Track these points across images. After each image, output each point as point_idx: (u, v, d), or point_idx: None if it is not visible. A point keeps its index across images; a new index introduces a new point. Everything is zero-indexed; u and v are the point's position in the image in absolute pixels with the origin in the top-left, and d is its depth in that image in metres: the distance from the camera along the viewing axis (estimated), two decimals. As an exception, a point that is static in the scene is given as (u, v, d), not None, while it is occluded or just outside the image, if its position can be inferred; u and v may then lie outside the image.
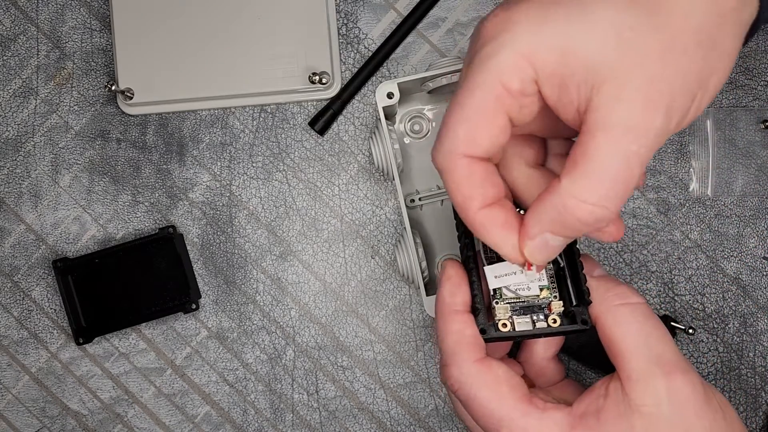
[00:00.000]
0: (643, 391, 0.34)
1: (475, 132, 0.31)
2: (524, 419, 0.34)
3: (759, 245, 0.50)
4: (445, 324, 0.36)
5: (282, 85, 0.50)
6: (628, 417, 0.34)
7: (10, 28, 0.51)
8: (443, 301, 0.37)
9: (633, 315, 0.35)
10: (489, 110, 0.30)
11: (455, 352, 0.36)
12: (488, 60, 0.30)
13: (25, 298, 0.51)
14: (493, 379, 0.35)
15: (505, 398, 0.35)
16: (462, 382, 0.35)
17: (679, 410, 0.34)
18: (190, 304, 0.50)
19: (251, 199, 0.51)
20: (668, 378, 0.34)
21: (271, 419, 0.50)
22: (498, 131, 0.31)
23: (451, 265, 0.38)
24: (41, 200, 0.51)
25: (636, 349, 0.35)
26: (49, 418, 0.50)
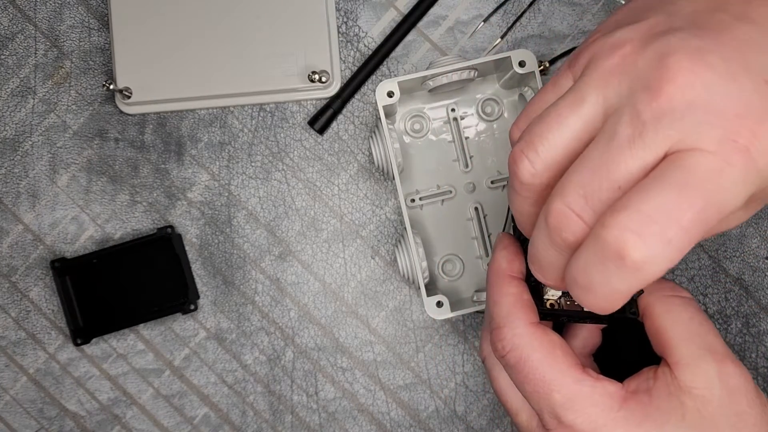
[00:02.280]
0: (695, 374, 0.33)
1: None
2: (577, 385, 0.33)
3: (761, 245, 0.50)
4: (501, 287, 0.35)
5: (281, 83, 0.49)
6: (678, 396, 0.33)
7: (8, 27, 0.51)
8: (499, 267, 0.36)
9: (683, 306, 0.35)
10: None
11: (511, 312, 0.35)
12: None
13: (23, 298, 0.50)
14: (549, 342, 0.34)
15: (559, 362, 0.34)
16: (515, 344, 0.34)
17: (731, 396, 0.33)
18: (189, 304, 0.49)
19: (250, 198, 0.51)
20: (720, 364, 0.33)
21: (270, 421, 0.50)
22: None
23: (508, 237, 0.37)
24: (39, 200, 0.51)
25: (686, 336, 0.34)
26: (47, 420, 0.50)
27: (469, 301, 0.46)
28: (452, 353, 0.50)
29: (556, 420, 0.33)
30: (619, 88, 0.28)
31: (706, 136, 0.26)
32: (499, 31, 0.51)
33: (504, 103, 0.48)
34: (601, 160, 0.27)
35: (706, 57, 0.27)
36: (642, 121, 0.27)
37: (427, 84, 0.45)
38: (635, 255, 0.26)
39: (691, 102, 0.26)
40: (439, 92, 0.47)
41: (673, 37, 0.28)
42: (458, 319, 0.50)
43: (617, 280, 0.27)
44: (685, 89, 0.27)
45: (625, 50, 0.29)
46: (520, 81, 0.46)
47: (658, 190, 0.26)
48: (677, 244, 0.26)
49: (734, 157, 0.26)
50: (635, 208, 0.26)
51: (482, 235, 0.48)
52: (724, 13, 0.29)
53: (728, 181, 0.26)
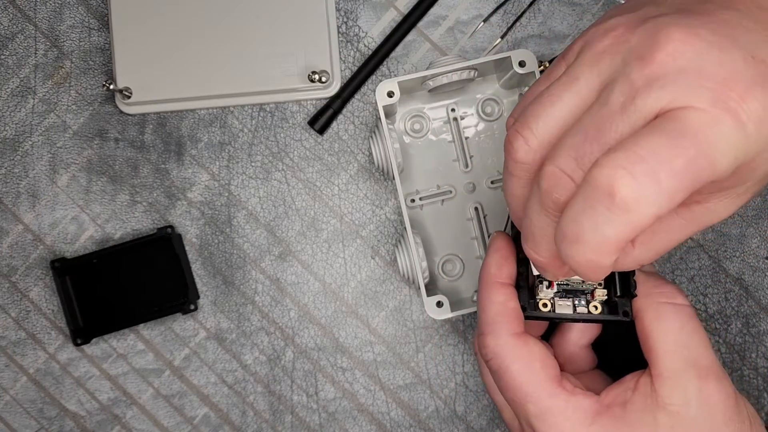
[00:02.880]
0: (673, 389, 0.33)
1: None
2: (551, 399, 0.34)
3: (762, 245, 0.50)
4: (488, 294, 0.36)
5: (281, 83, 0.49)
6: (653, 412, 0.33)
7: (8, 27, 0.51)
8: (489, 272, 0.36)
9: (676, 315, 0.35)
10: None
11: (495, 321, 0.35)
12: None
13: (23, 298, 0.50)
14: (528, 354, 0.35)
15: (535, 375, 0.34)
16: (496, 353, 0.35)
17: (708, 414, 0.33)
18: (189, 304, 0.49)
19: (250, 198, 0.50)
20: (701, 381, 0.34)
21: (270, 421, 0.50)
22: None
23: (501, 237, 0.37)
24: (39, 200, 0.51)
25: (672, 348, 0.34)
26: (47, 420, 0.50)
27: (469, 301, 0.46)
28: (452, 353, 0.50)
29: (531, 429, 0.35)
30: (613, 63, 0.29)
31: (698, 96, 0.27)
32: (499, 31, 0.51)
33: (504, 103, 0.48)
34: (593, 124, 0.28)
35: (696, 29, 0.28)
36: (635, 87, 0.27)
37: (427, 84, 0.45)
38: (625, 191, 0.26)
39: (683, 67, 0.27)
40: (439, 92, 0.47)
41: (664, 17, 0.29)
42: (458, 319, 0.50)
43: (606, 224, 0.26)
44: (676, 55, 0.27)
45: (618, 32, 0.29)
46: (520, 81, 0.46)
47: (651, 136, 0.26)
48: (667, 187, 0.26)
49: (725, 116, 0.26)
50: (628, 149, 0.26)
51: (482, 235, 0.48)
52: (709, 4, 0.30)
53: (719, 136, 0.26)
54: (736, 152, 0.27)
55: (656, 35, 0.28)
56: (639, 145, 0.26)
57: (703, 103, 0.27)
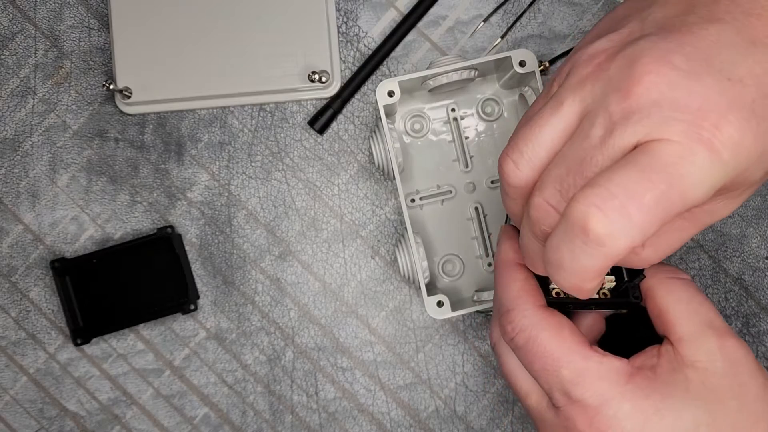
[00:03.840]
0: (696, 349, 0.34)
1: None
2: (584, 362, 0.34)
3: (761, 245, 0.50)
4: (508, 273, 0.37)
5: (281, 83, 0.49)
6: (683, 370, 0.34)
7: (8, 27, 0.51)
8: (507, 256, 0.37)
9: (684, 287, 0.36)
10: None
11: (519, 296, 0.36)
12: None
13: (23, 298, 0.50)
14: (557, 322, 0.35)
15: (566, 340, 0.35)
16: (523, 326, 0.35)
17: (733, 368, 0.34)
18: (189, 304, 0.49)
19: (250, 198, 0.51)
20: (721, 339, 0.34)
21: (270, 421, 0.50)
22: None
23: (511, 228, 0.38)
24: (39, 200, 0.51)
25: (687, 314, 0.35)
26: (47, 420, 0.50)
27: (469, 301, 0.46)
28: (452, 353, 0.50)
29: (566, 396, 0.34)
30: (594, 91, 0.30)
31: (672, 129, 0.28)
32: (499, 31, 0.51)
33: (504, 103, 0.48)
34: (575, 157, 0.30)
35: (670, 58, 0.29)
36: (613, 120, 0.29)
37: (427, 84, 0.45)
38: (597, 228, 0.28)
39: (657, 100, 0.28)
40: (439, 92, 0.47)
41: (643, 41, 0.30)
42: (458, 319, 0.50)
43: (584, 256, 0.29)
44: (651, 88, 0.28)
45: (600, 59, 0.31)
46: (521, 81, 0.46)
47: (623, 170, 0.28)
48: (638, 221, 0.27)
49: (697, 148, 0.27)
50: (600, 185, 0.28)
51: (482, 235, 0.48)
52: (693, 16, 0.30)
53: (692, 168, 0.27)
54: (712, 180, 0.28)
55: (633, 66, 0.29)
56: (611, 181, 0.28)
57: (676, 135, 0.28)
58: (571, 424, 0.34)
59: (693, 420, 0.33)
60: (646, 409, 0.33)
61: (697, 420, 0.33)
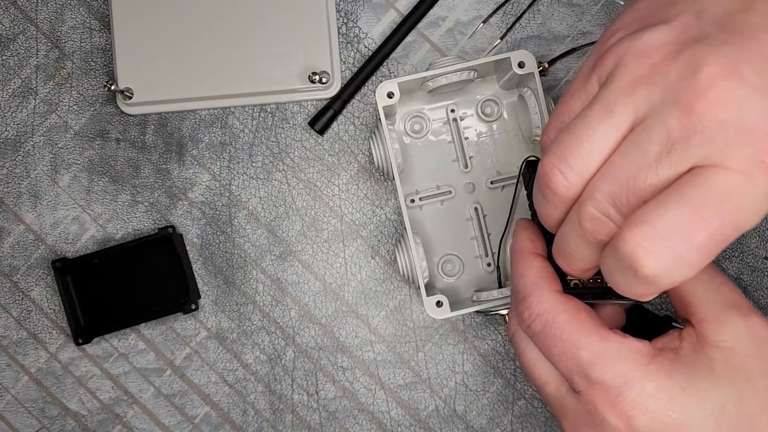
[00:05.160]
0: (720, 329, 0.33)
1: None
2: (603, 342, 0.33)
3: (760, 245, 0.50)
4: (525, 261, 0.36)
5: (282, 84, 0.49)
6: (707, 352, 0.33)
7: (10, 28, 0.51)
8: (523, 246, 0.37)
9: (707, 271, 0.35)
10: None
11: (536, 283, 0.35)
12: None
13: (24, 298, 0.51)
14: (574, 306, 0.35)
15: (584, 323, 0.34)
16: (541, 311, 0.35)
17: (759, 347, 0.33)
18: (190, 304, 0.49)
19: (251, 199, 0.51)
20: (745, 318, 0.33)
21: (270, 420, 0.50)
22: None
23: (526, 220, 0.38)
24: (40, 200, 0.51)
25: (709, 295, 0.34)
26: (49, 419, 0.50)
27: (468, 301, 0.46)
28: (452, 353, 0.50)
29: (586, 379, 0.33)
30: (650, 98, 0.28)
31: (734, 155, 0.26)
32: (498, 32, 0.51)
33: (503, 103, 0.48)
34: (629, 172, 0.28)
35: (739, 69, 0.27)
36: (671, 138, 0.27)
37: (426, 85, 0.45)
38: (647, 270, 0.27)
39: (723, 121, 0.26)
40: (438, 93, 0.47)
41: (705, 45, 0.27)
42: (458, 318, 0.50)
43: (636, 286, 0.29)
44: (717, 107, 0.27)
45: (655, 59, 0.28)
46: (520, 82, 0.46)
47: (675, 205, 0.27)
48: (689, 261, 0.27)
49: (759, 176, 0.26)
50: (650, 224, 0.27)
51: (482, 235, 0.48)
52: (754, 14, 0.28)
53: (749, 200, 0.26)
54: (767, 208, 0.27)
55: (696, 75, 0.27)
56: (660, 220, 0.27)
57: (738, 163, 0.26)
58: (592, 408, 0.33)
59: (720, 399, 0.32)
60: (670, 389, 0.32)
61: (724, 399, 0.32)
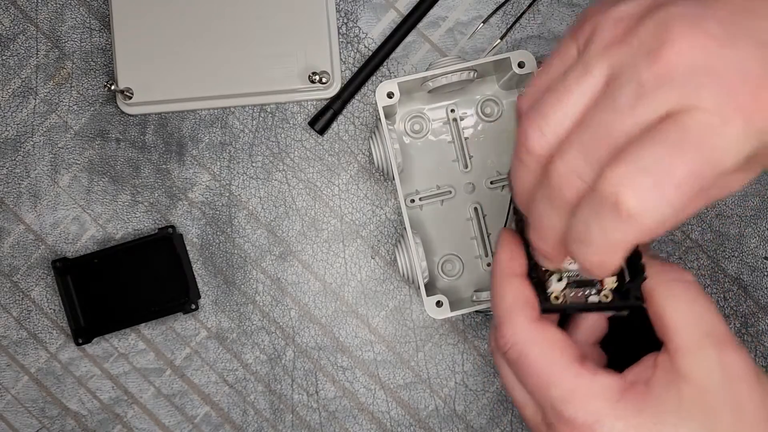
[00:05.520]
0: (694, 361, 0.33)
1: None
2: (575, 380, 0.34)
3: (760, 245, 0.50)
4: (502, 285, 0.36)
5: (282, 84, 0.49)
6: (677, 385, 0.33)
7: (10, 28, 0.51)
8: (502, 264, 0.36)
9: (686, 291, 0.35)
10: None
11: (511, 310, 0.35)
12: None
13: (25, 298, 0.51)
14: (548, 339, 0.34)
15: (557, 358, 0.34)
16: (515, 341, 0.35)
17: (731, 384, 0.33)
18: (190, 304, 0.50)
19: (251, 199, 0.51)
20: (720, 351, 0.33)
21: (270, 420, 0.50)
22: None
23: (509, 232, 0.37)
24: (40, 200, 0.51)
25: (687, 322, 0.34)
26: (49, 419, 0.50)
27: (468, 301, 0.46)
28: (452, 352, 0.50)
29: (558, 415, 0.34)
30: (622, 56, 0.29)
31: (706, 97, 0.27)
32: (498, 32, 0.51)
33: (503, 103, 0.48)
34: (601, 122, 0.29)
35: (704, 23, 0.28)
36: (643, 86, 0.28)
37: (426, 85, 0.45)
38: (629, 204, 0.27)
39: (691, 65, 0.27)
40: (438, 93, 0.47)
41: (672, 6, 0.29)
42: (458, 318, 0.50)
43: (613, 230, 0.28)
44: (685, 53, 0.27)
45: (628, 22, 0.29)
46: (519, 82, 0.46)
47: (654, 145, 0.27)
48: (670, 197, 0.27)
49: (732, 116, 0.27)
50: (632, 162, 0.27)
51: (482, 235, 0.48)
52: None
53: (725, 139, 0.27)
54: (745, 150, 0.27)
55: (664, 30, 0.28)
56: (642, 157, 0.27)
57: (711, 104, 0.27)
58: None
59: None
60: (640, 426, 0.32)
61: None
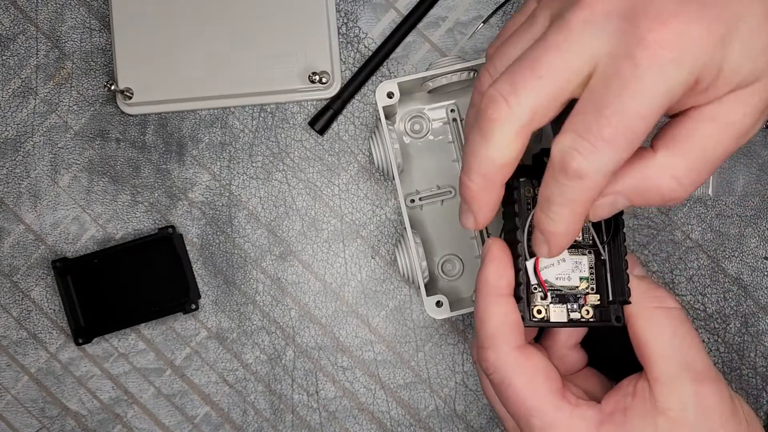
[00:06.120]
0: (670, 394, 0.34)
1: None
2: (555, 413, 0.34)
3: (760, 245, 0.50)
4: (488, 306, 0.36)
5: (282, 84, 0.49)
6: (653, 417, 0.34)
7: (10, 28, 0.51)
8: (488, 282, 0.36)
9: (668, 319, 0.35)
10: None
11: (495, 335, 0.35)
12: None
13: (25, 298, 0.51)
14: (531, 368, 0.35)
15: (539, 389, 0.35)
16: (498, 367, 0.35)
17: (705, 418, 0.34)
18: (190, 304, 0.50)
19: (251, 198, 0.51)
20: (696, 385, 0.34)
21: (270, 420, 0.50)
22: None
23: (497, 244, 0.37)
24: (40, 200, 0.51)
25: (666, 353, 0.35)
26: (49, 419, 0.50)
27: (468, 301, 0.46)
28: (452, 352, 0.50)
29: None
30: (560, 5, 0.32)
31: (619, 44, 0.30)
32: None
33: (503, 103, 0.48)
34: (532, 56, 0.32)
35: None
36: (569, 28, 0.31)
37: (426, 85, 0.45)
38: (573, 165, 0.31)
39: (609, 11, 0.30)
40: (438, 93, 0.47)
41: None
42: (458, 318, 0.50)
43: (568, 190, 0.31)
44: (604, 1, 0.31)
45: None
46: (520, 82, 0.46)
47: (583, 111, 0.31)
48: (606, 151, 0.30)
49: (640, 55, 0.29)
50: (570, 129, 0.31)
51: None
52: None
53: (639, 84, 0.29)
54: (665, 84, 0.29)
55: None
56: (575, 124, 0.31)
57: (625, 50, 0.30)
58: None
59: None
60: None
61: None
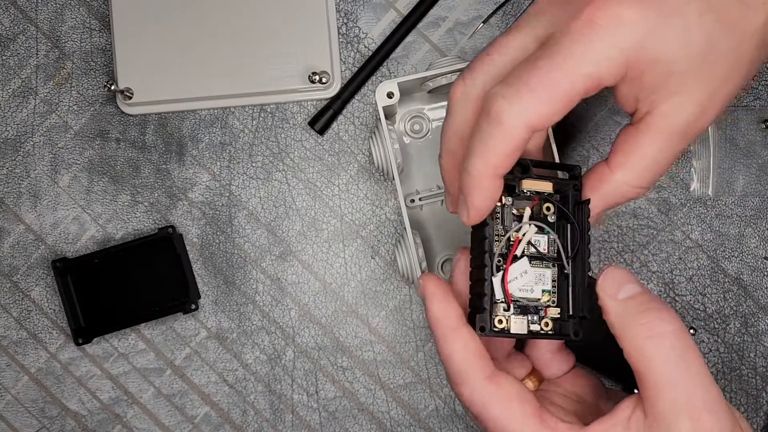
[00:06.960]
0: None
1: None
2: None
3: (760, 245, 0.50)
4: (446, 343, 0.36)
5: (282, 84, 0.49)
6: None
7: (10, 28, 0.51)
8: (438, 321, 0.36)
9: (661, 349, 0.34)
10: (570, 97, 0.33)
11: (463, 370, 0.35)
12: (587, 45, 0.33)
13: (25, 298, 0.51)
14: (504, 397, 0.35)
15: (515, 416, 0.35)
16: (473, 401, 0.35)
17: None
18: (190, 304, 0.50)
19: (251, 199, 0.51)
20: (694, 423, 0.33)
21: (270, 420, 0.50)
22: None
23: (430, 281, 0.37)
24: (40, 200, 0.51)
25: (660, 388, 0.33)
26: (49, 419, 0.50)
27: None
28: (452, 353, 0.50)
29: None
30: (554, 16, 0.36)
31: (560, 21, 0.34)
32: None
33: (503, 103, 0.48)
34: (492, 47, 0.36)
35: None
36: (526, 14, 0.36)
37: (426, 85, 0.45)
38: (494, 107, 0.33)
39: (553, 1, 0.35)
40: (438, 93, 0.47)
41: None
42: (458, 318, 0.50)
43: (486, 136, 0.33)
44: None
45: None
46: (520, 82, 0.46)
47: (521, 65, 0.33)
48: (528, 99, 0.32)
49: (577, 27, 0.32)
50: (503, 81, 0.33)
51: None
52: None
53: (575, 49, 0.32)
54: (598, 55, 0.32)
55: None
56: (510, 74, 0.33)
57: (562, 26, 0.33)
58: None
59: None
60: None
61: None
